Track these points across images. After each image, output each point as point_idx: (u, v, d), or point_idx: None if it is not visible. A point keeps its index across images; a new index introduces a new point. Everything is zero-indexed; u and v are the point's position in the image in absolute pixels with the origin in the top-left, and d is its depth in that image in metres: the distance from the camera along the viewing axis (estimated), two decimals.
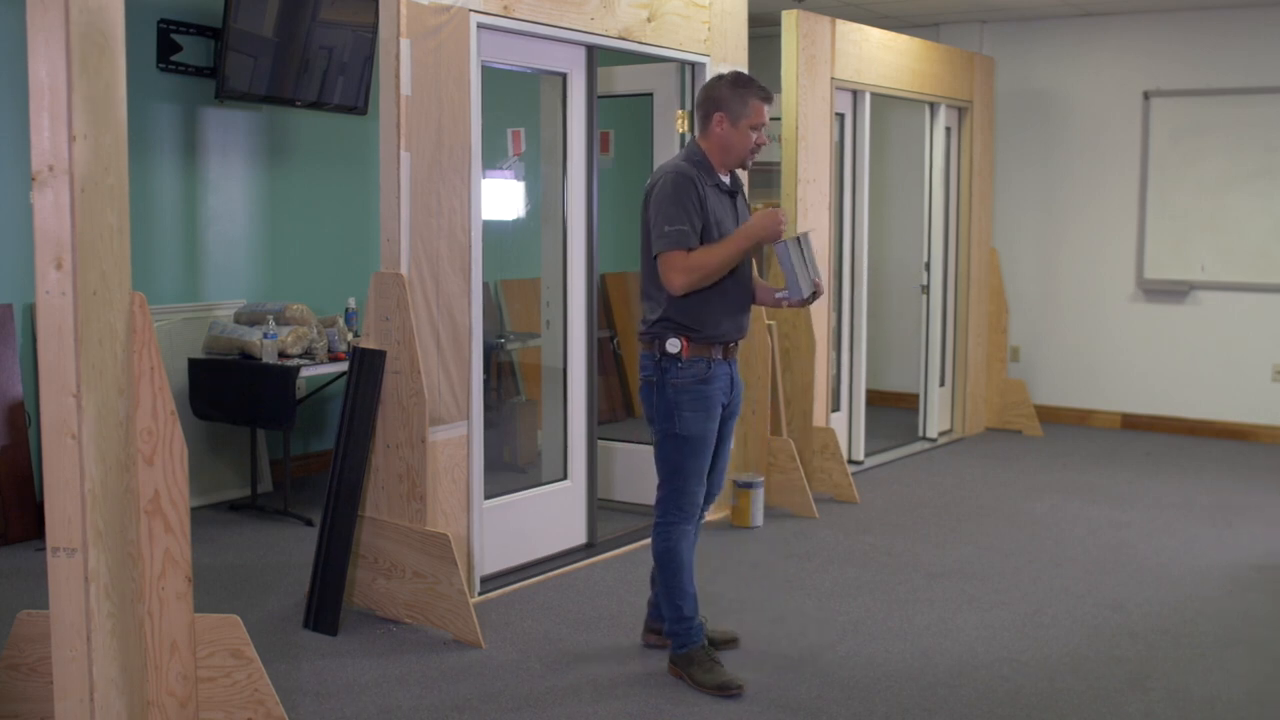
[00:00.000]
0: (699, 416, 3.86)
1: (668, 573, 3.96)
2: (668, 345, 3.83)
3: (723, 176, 3.94)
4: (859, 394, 7.24)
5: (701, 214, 3.79)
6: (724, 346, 3.90)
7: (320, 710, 3.71)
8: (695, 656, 3.94)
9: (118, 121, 3.04)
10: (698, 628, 3.97)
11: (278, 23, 6.06)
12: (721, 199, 3.91)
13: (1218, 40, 8.07)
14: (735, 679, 3.88)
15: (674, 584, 3.96)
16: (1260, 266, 8.02)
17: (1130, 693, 3.94)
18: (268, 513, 5.90)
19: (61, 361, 2.97)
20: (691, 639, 3.95)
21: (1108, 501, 6.44)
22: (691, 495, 3.94)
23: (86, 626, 3.03)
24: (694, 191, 3.78)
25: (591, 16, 5.10)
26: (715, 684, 3.86)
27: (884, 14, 8.34)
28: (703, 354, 3.85)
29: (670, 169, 3.86)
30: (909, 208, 8.55)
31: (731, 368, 3.96)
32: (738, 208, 3.99)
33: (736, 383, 4.01)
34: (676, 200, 3.76)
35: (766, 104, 3.89)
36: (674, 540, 3.94)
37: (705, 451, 3.91)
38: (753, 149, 3.92)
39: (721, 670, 3.91)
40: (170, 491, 3.20)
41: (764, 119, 3.90)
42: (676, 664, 3.98)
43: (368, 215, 6.76)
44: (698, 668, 3.91)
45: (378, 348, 4.40)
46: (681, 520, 3.94)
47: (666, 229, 3.74)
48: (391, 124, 4.35)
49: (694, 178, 3.81)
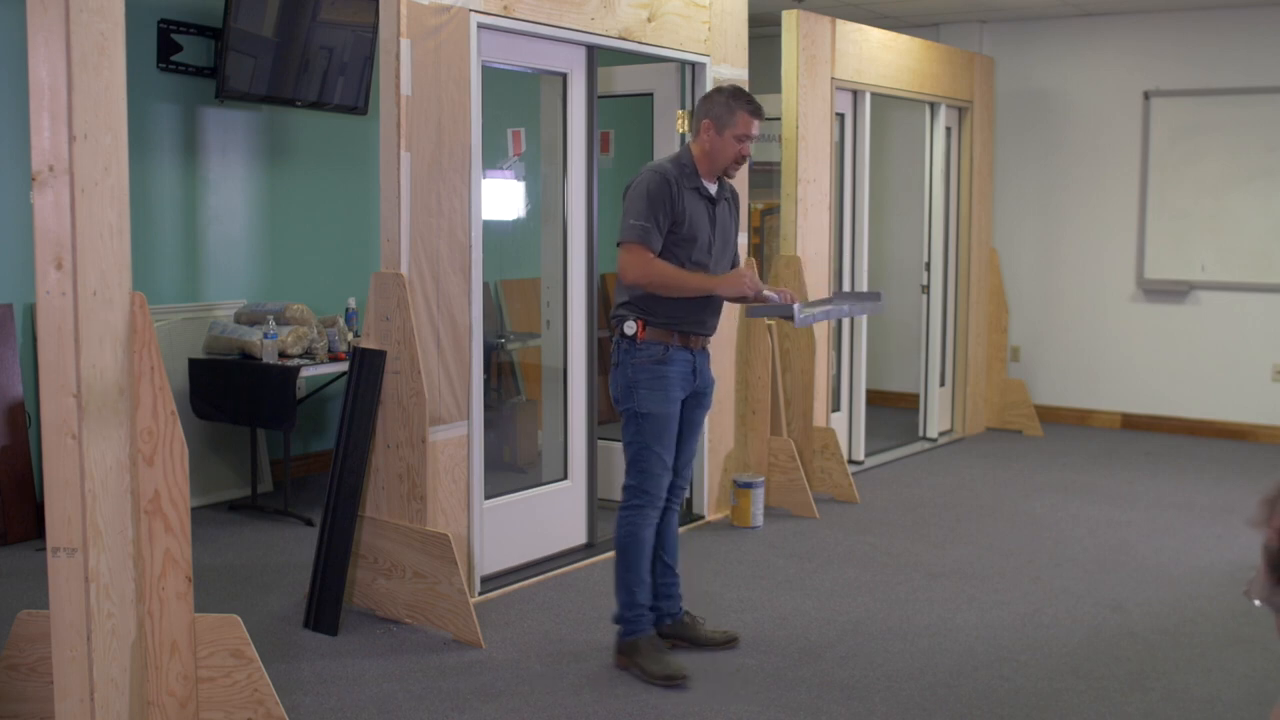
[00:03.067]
0: (657, 396, 3.95)
1: (629, 557, 4.03)
2: (625, 327, 3.97)
3: (708, 183, 4.02)
4: (859, 394, 7.24)
5: (670, 215, 3.89)
6: (681, 335, 3.98)
7: (320, 710, 3.71)
8: (643, 645, 4.00)
9: (118, 121, 3.04)
10: (648, 616, 4.04)
11: (278, 23, 6.06)
12: (699, 203, 3.99)
13: (1218, 40, 8.07)
14: (681, 670, 3.94)
15: (634, 570, 4.03)
16: (1260, 266, 8.02)
17: (1130, 693, 3.94)
18: (268, 513, 5.90)
19: (61, 361, 2.97)
20: (641, 627, 4.02)
21: (1108, 501, 6.44)
22: (657, 479, 4.01)
23: (86, 626, 3.03)
24: (667, 192, 3.89)
25: (591, 16, 5.10)
26: (663, 674, 3.92)
27: (884, 14, 8.34)
28: (660, 339, 3.96)
29: (651, 168, 3.98)
30: (909, 208, 8.55)
31: (695, 358, 4.03)
32: (718, 215, 4.05)
33: (702, 374, 4.07)
34: (647, 198, 3.88)
35: (755, 119, 3.99)
36: (639, 525, 4.02)
37: (667, 432, 3.99)
38: (735, 159, 4.01)
39: (670, 660, 3.97)
40: (170, 491, 3.21)
41: (750, 131, 3.98)
42: (624, 652, 4.03)
43: (368, 215, 6.76)
44: (645, 657, 3.97)
45: (378, 348, 4.40)
46: (648, 504, 4.02)
47: (631, 222, 3.89)
48: (391, 124, 4.35)
49: (671, 179, 3.92)
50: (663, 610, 4.23)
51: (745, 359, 6.03)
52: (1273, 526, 1.53)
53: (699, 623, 4.28)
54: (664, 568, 4.20)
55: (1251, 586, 1.56)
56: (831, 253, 6.78)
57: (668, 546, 4.20)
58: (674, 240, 3.93)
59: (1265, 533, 1.54)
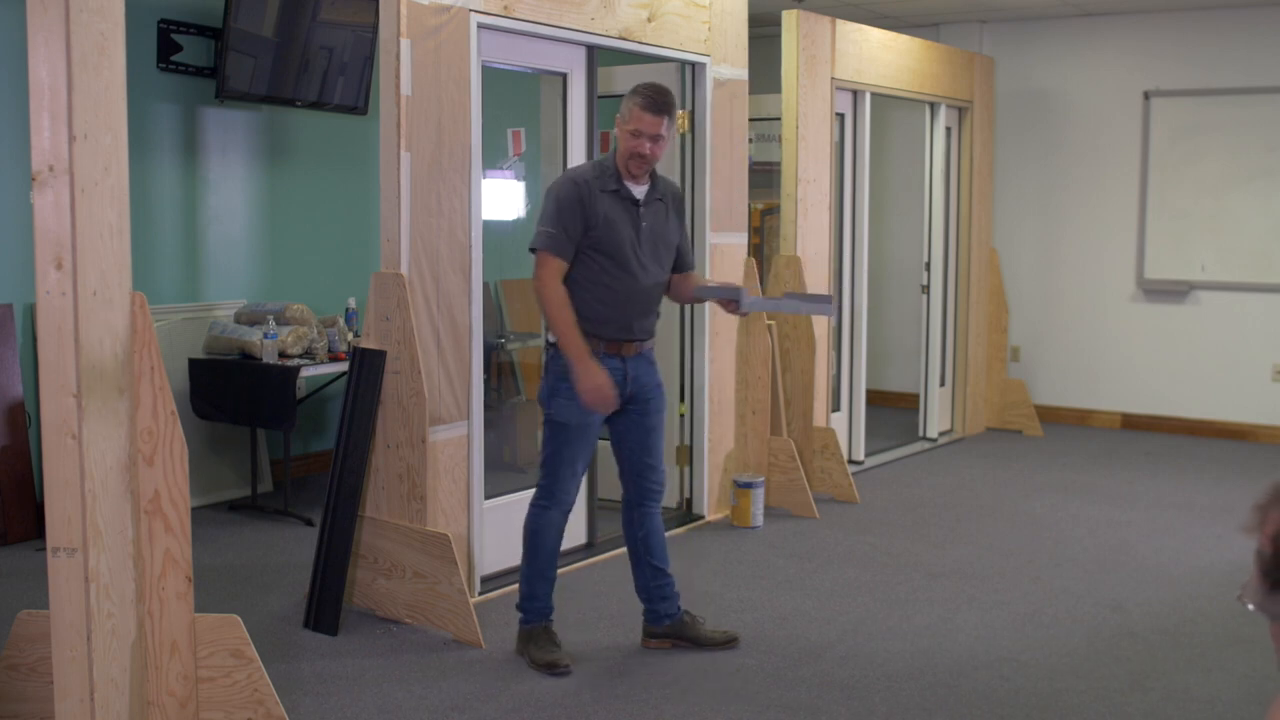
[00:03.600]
0: (573, 406, 3.95)
1: (530, 553, 4.11)
2: (549, 334, 3.99)
3: (633, 184, 3.97)
4: (859, 394, 7.24)
5: (582, 220, 3.88)
6: (607, 343, 3.96)
7: (320, 710, 3.71)
8: (536, 634, 4.10)
9: (118, 121, 3.04)
10: (546, 609, 4.13)
11: (278, 23, 6.06)
12: (619, 205, 3.95)
13: (1218, 40, 8.06)
14: (563, 660, 4.03)
15: (534, 565, 4.11)
16: (1260, 266, 8.02)
17: (1130, 693, 3.94)
18: (268, 513, 5.90)
19: (61, 361, 2.97)
20: (536, 618, 4.12)
21: (1108, 501, 6.44)
22: (563, 483, 4.05)
23: (86, 626, 3.03)
24: (575, 197, 3.88)
25: (592, 16, 5.10)
26: (545, 662, 4.02)
27: (884, 14, 8.34)
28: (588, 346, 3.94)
29: (566, 174, 4.00)
30: (909, 208, 8.55)
31: (627, 364, 4.00)
32: (645, 218, 3.99)
33: (636, 379, 4.03)
34: (558, 205, 3.90)
35: (648, 113, 3.87)
36: (541, 524, 4.09)
37: (581, 441, 4.01)
38: (633, 156, 3.92)
39: (556, 651, 4.06)
40: (170, 491, 3.21)
41: (641, 126, 3.88)
42: (520, 639, 4.15)
43: (368, 215, 6.76)
44: (534, 646, 4.08)
45: (378, 348, 4.40)
46: (552, 506, 4.07)
47: (540, 229, 3.92)
48: (391, 124, 4.35)
49: (584, 184, 3.91)
50: (660, 611, 4.23)
51: (745, 359, 6.03)
52: (1265, 533, 1.52)
53: (699, 622, 4.28)
54: (654, 571, 4.21)
55: (1245, 591, 1.56)
56: (831, 253, 6.78)
57: (654, 549, 4.20)
58: (590, 244, 3.91)
59: (1258, 539, 1.54)
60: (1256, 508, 1.55)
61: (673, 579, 4.26)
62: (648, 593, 4.24)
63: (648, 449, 4.13)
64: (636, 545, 4.20)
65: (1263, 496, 1.56)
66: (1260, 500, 1.56)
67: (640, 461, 4.13)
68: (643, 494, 4.16)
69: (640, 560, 4.21)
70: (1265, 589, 1.53)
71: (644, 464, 4.13)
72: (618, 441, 4.13)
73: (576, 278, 3.93)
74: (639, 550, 4.21)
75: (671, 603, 4.25)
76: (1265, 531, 1.53)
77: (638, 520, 4.18)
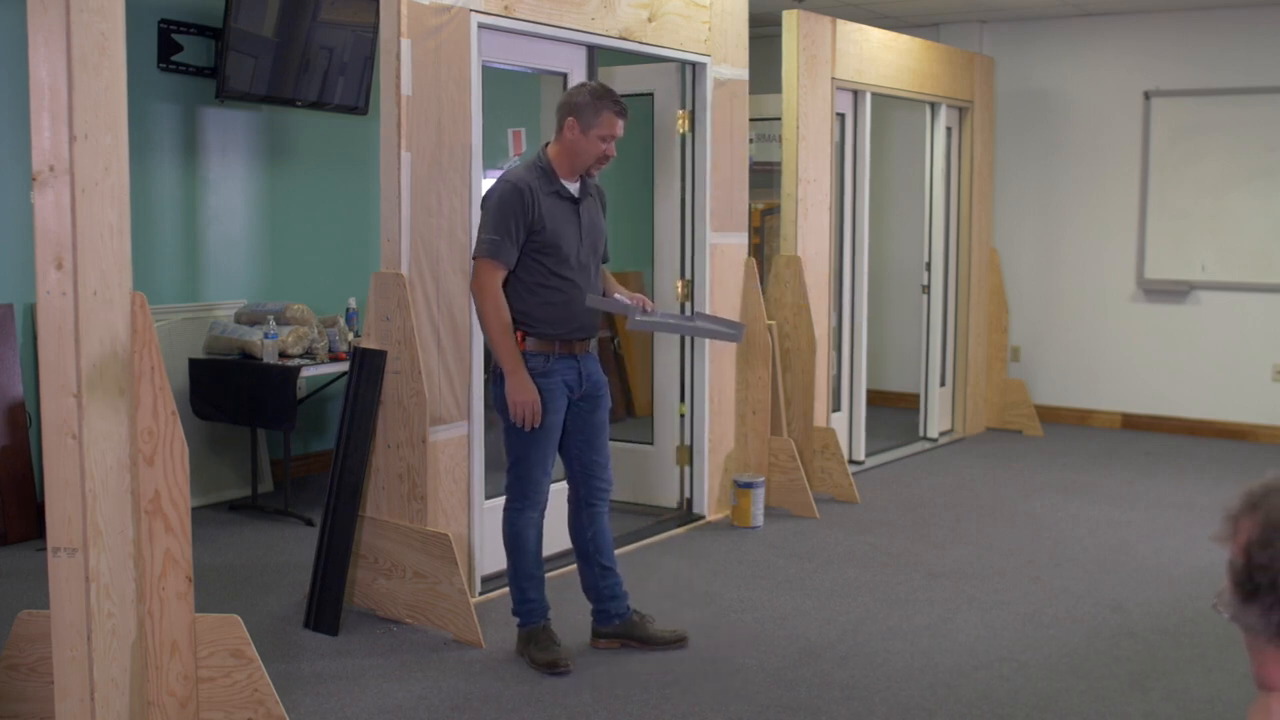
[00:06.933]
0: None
1: (514, 556, 4.11)
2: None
3: (568, 183, 4.00)
4: (859, 394, 7.24)
5: (526, 224, 3.89)
6: (564, 343, 3.99)
7: (320, 710, 3.71)
8: (534, 635, 4.10)
9: (118, 121, 3.04)
10: (541, 608, 4.13)
11: (278, 23, 6.06)
12: (560, 206, 3.97)
13: (1218, 40, 8.06)
14: (563, 659, 4.03)
15: (521, 568, 4.11)
16: (1260, 266, 8.02)
17: (1130, 693, 3.94)
18: (268, 513, 5.90)
19: (61, 361, 2.98)
20: (533, 619, 4.12)
21: (1108, 501, 6.44)
22: (535, 483, 4.05)
23: (86, 626, 3.03)
24: (519, 201, 3.87)
25: (592, 16, 5.10)
26: (545, 661, 4.02)
27: (884, 14, 8.34)
28: (541, 349, 3.97)
29: (505, 179, 3.96)
30: (909, 208, 8.55)
31: (580, 363, 4.04)
32: (584, 215, 4.02)
33: (589, 377, 4.08)
34: (500, 212, 3.88)
35: (620, 119, 3.94)
36: (520, 526, 4.08)
37: (546, 441, 4.02)
38: (599, 159, 3.97)
39: (556, 650, 4.06)
40: (171, 491, 3.21)
41: (615, 132, 3.94)
42: (520, 640, 4.14)
43: (368, 215, 6.76)
44: (534, 646, 4.07)
45: (378, 348, 4.40)
46: (527, 507, 4.07)
47: (483, 236, 3.91)
48: (392, 124, 4.35)
49: (526, 189, 3.89)
50: (610, 611, 4.24)
51: (745, 359, 6.03)
52: (1237, 543, 1.50)
53: (648, 621, 4.27)
54: (602, 570, 4.22)
55: (1220, 600, 1.54)
56: (832, 253, 6.78)
57: (603, 549, 4.21)
58: (535, 247, 3.92)
59: (1230, 549, 1.52)
60: (1228, 517, 1.53)
61: (621, 578, 4.26)
62: (597, 592, 4.24)
63: (596, 446, 4.14)
64: (585, 545, 4.21)
65: (1234, 505, 1.53)
66: (1231, 509, 1.53)
67: (589, 459, 4.14)
68: (593, 493, 4.16)
69: (589, 560, 4.22)
70: (1239, 600, 1.50)
71: (593, 462, 4.14)
72: (564, 439, 4.13)
73: (524, 281, 3.94)
74: (588, 550, 4.21)
75: (620, 602, 4.25)
76: (1237, 541, 1.50)
77: (587, 520, 4.19)
